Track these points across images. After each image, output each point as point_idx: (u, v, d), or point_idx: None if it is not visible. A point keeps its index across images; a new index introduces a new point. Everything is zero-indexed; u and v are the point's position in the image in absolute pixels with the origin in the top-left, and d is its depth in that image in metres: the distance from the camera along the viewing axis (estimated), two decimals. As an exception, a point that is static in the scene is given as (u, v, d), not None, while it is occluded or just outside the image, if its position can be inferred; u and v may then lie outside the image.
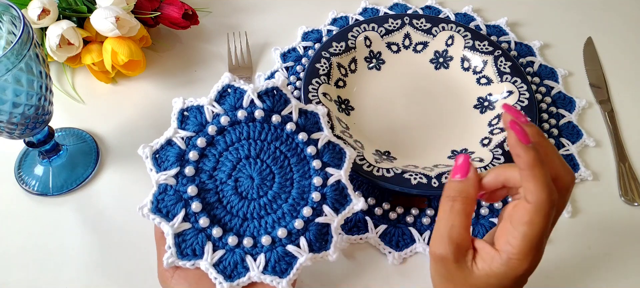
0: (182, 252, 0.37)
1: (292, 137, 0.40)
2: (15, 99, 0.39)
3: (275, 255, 0.37)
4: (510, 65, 0.58)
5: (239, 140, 0.40)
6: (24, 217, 0.48)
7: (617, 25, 0.70)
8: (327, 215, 0.39)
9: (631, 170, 0.54)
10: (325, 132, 0.41)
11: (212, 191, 0.38)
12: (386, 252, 0.47)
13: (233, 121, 0.40)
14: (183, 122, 0.40)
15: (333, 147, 0.41)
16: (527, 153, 0.30)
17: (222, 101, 0.40)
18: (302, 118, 0.41)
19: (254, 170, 0.39)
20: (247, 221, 0.38)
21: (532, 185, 0.30)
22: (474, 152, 0.52)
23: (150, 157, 0.38)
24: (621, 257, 0.48)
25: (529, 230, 0.31)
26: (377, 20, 0.62)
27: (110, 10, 0.52)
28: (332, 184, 0.40)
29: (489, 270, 0.32)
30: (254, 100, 0.40)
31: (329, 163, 0.40)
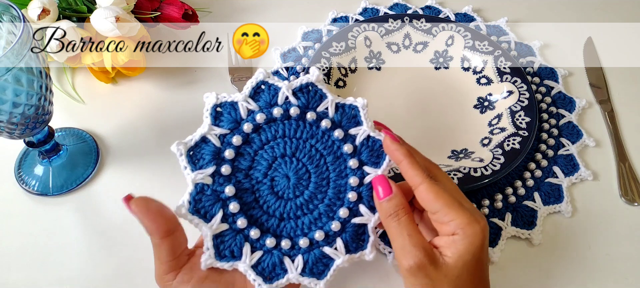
0: (220, 254, 0.36)
1: (328, 134, 0.39)
2: (15, 99, 0.39)
3: (312, 256, 0.37)
4: (510, 65, 0.58)
5: (275, 139, 0.38)
6: (24, 217, 0.48)
7: (617, 25, 0.70)
8: (363, 215, 0.38)
9: (631, 170, 0.54)
10: (364, 127, 0.39)
11: (248, 191, 0.37)
12: (386, 252, 0.46)
13: (268, 119, 0.38)
14: (217, 119, 0.38)
15: (373, 143, 0.39)
16: (401, 147, 0.37)
17: (257, 98, 0.39)
18: (339, 113, 0.39)
19: (289, 169, 0.38)
20: (284, 221, 0.38)
21: (413, 170, 0.36)
22: (474, 152, 0.52)
23: (185, 154, 0.37)
24: (621, 257, 0.48)
25: (444, 198, 0.35)
26: (377, 20, 0.62)
27: (110, 10, 0.52)
28: (369, 183, 0.38)
29: (458, 251, 0.34)
30: (288, 97, 0.38)
31: (367, 162, 0.38)
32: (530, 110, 0.54)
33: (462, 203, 0.35)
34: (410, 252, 0.34)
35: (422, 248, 0.34)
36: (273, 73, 0.60)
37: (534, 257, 0.47)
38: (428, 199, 0.35)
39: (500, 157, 0.50)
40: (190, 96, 0.58)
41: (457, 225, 0.34)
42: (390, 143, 0.37)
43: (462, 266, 0.34)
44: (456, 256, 0.34)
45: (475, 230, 0.34)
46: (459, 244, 0.34)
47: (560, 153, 0.54)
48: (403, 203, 0.36)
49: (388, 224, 0.36)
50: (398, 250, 0.35)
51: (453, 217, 0.34)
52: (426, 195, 0.35)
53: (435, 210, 0.35)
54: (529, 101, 0.54)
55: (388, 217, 0.36)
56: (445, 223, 0.35)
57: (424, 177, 0.36)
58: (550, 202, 0.51)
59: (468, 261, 0.34)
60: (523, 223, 0.49)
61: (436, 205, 0.35)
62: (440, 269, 0.34)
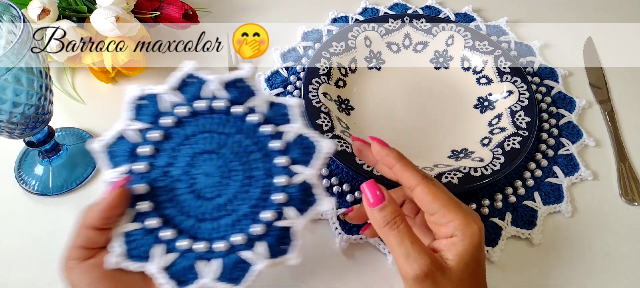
0: (129, 254, 0.33)
1: (256, 129, 0.36)
2: (15, 99, 0.39)
3: (231, 260, 0.34)
4: (510, 65, 0.58)
5: (199, 133, 0.36)
6: (24, 217, 0.48)
7: (617, 25, 0.70)
8: (290, 217, 0.35)
9: (631, 170, 0.54)
10: (296, 125, 0.36)
11: (164, 189, 0.35)
12: (386, 252, 0.46)
13: (193, 112, 0.36)
14: (138, 113, 0.35)
15: (305, 142, 0.36)
16: (392, 151, 0.37)
17: (184, 90, 0.36)
18: (272, 110, 0.37)
19: (212, 166, 0.35)
20: (202, 222, 0.35)
21: (407, 172, 0.36)
22: (474, 152, 0.52)
23: (105, 152, 0.35)
24: (621, 257, 0.48)
25: (442, 199, 0.35)
26: (377, 20, 0.62)
27: (110, 10, 0.52)
28: (299, 183, 0.35)
29: (458, 253, 0.34)
30: (217, 90, 0.36)
31: (298, 160, 0.36)
32: (530, 110, 0.54)
33: (458, 203, 0.35)
34: (416, 259, 0.33)
35: (426, 254, 0.33)
36: (273, 73, 0.60)
37: (534, 257, 0.47)
38: (426, 200, 0.35)
39: (500, 156, 0.50)
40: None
41: (455, 227, 0.34)
42: (380, 148, 0.38)
43: (464, 268, 0.34)
44: (457, 258, 0.34)
45: (473, 230, 0.34)
46: (458, 246, 0.34)
47: (560, 153, 0.54)
48: (398, 210, 0.35)
49: (386, 233, 0.35)
50: (401, 259, 0.34)
51: (451, 218, 0.34)
52: (424, 196, 0.35)
53: (434, 211, 0.35)
54: (529, 101, 0.54)
55: (385, 226, 0.35)
56: (443, 224, 0.35)
57: (420, 178, 0.36)
58: (550, 201, 0.51)
59: (468, 262, 0.34)
60: (523, 223, 0.49)
61: (434, 206, 0.35)
62: (445, 274, 0.33)
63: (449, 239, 0.34)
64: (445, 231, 0.35)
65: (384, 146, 0.38)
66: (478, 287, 0.35)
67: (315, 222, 0.49)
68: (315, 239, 0.48)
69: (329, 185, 0.50)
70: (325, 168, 0.51)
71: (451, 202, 0.35)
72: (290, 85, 0.58)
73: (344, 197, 0.49)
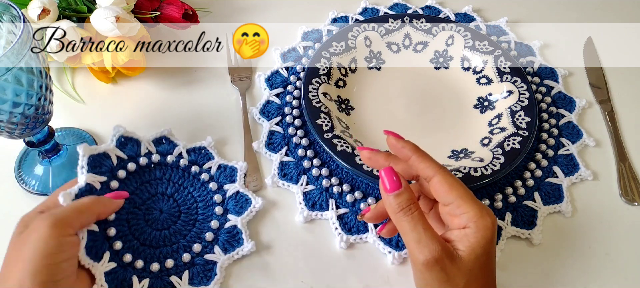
0: (89, 250, 0.40)
1: (205, 186, 0.48)
2: (15, 99, 0.39)
3: (158, 282, 0.42)
4: (510, 65, 0.58)
5: (161, 178, 0.48)
6: (24, 217, 0.48)
7: (617, 25, 0.70)
8: (215, 253, 0.44)
9: (631, 170, 0.54)
10: (236, 185, 0.48)
11: (124, 209, 0.44)
12: (386, 252, 0.46)
13: (162, 162, 0.48)
14: (123, 146, 0.47)
15: (240, 197, 0.48)
16: (408, 143, 0.38)
17: (159, 147, 0.50)
18: (219, 171, 0.49)
19: (164, 205, 0.46)
20: (145, 246, 0.44)
21: (425, 163, 0.37)
22: (474, 152, 0.52)
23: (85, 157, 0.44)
24: (621, 257, 0.48)
25: (458, 190, 0.35)
26: (377, 20, 0.62)
27: (110, 10, 0.52)
28: (228, 228, 0.46)
29: (470, 245, 0.34)
30: (182, 152, 0.50)
31: (231, 211, 0.47)
32: (530, 110, 0.54)
33: (473, 196, 0.35)
34: (428, 245, 0.33)
35: (438, 241, 0.34)
36: (273, 73, 0.60)
37: (534, 257, 0.47)
38: (443, 191, 0.35)
39: (500, 156, 0.50)
40: (190, 96, 0.58)
41: (469, 218, 0.34)
42: (396, 141, 0.39)
43: (475, 259, 0.34)
44: (469, 249, 0.34)
45: (487, 223, 0.34)
46: (471, 237, 0.34)
47: (561, 153, 0.54)
48: (413, 198, 0.36)
49: (399, 219, 0.35)
50: (413, 244, 0.34)
51: (466, 209, 0.34)
52: (441, 187, 0.35)
53: (449, 201, 0.35)
54: (529, 101, 0.54)
55: (399, 211, 0.35)
56: (457, 216, 0.35)
57: (437, 168, 0.36)
58: (551, 201, 0.51)
59: (480, 254, 0.34)
60: (523, 223, 0.49)
61: (450, 197, 0.35)
62: (455, 262, 0.34)
63: (462, 230, 0.35)
64: (459, 222, 0.35)
65: (399, 139, 0.39)
66: (487, 280, 0.35)
67: (315, 222, 0.49)
68: (315, 239, 0.48)
69: (329, 186, 0.50)
70: (326, 169, 0.51)
71: (467, 194, 0.35)
72: (290, 85, 0.58)
73: (343, 197, 0.50)
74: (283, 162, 0.52)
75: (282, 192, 0.51)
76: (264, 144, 0.53)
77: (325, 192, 0.50)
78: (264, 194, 0.50)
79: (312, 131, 0.52)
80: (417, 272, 0.35)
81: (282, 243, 0.47)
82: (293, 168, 0.52)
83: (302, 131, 0.54)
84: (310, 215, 0.48)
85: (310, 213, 0.49)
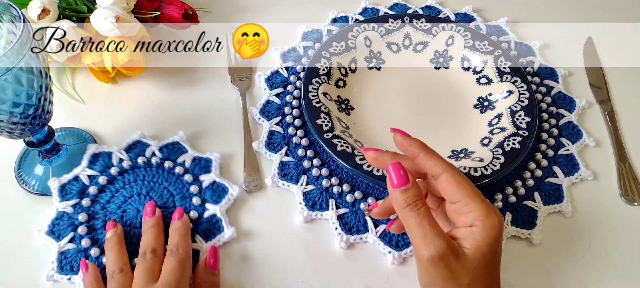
0: (62, 268, 0.44)
1: (180, 179, 0.49)
2: (15, 99, 0.39)
3: None
4: (510, 65, 0.58)
5: (135, 181, 0.49)
6: (24, 217, 0.48)
7: (617, 25, 0.70)
8: (196, 242, 0.45)
9: (631, 170, 0.54)
10: (211, 174, 0.50)
11: (100, 219, 0.46)
12: (386, 252, 0.46)
13: (133, 165, 0.50)
14: (93, 163, 0.50)
15: (217, 187, 0.49)
16: (415, 141, 0.38)
17: (129, 151, 0.51)
18: (194, 164, 0.51)
19: (141, 204, 0.47)
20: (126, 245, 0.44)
21: (432, 160, 0.37)
22: (474, 152, 0.52)
23: (57, 188, 0.47)
24: (621, 257, 0.48)
25: (466, 188, 0.35)
26: (377, 20, 0.62)
27: (110, 10, 0.52)
28: (207, 217, 0.47)
29: (476, 243, 0.34)
30: (154, 151, 0.51)
31: (208, 200, 0.48)
32: (530, 110, 0.54)
33: (480, 195, 0.35)
34: (433, 241, 0.33)
35: (443, 238, 0.34)
36: (273, 73, 0.60)
37: (534, 257, 0.47)
38: (450, 189, 0.35)
39: (500, 156, 0.50)
40: (190, 96, 0.58)
41: (476, 217, 0.34)
42: (403, 139, 0.39)
43: (480, 257, 0.34)
44: (474, 247, 0.34)
45: (494, 222, 0.34)
46: (477, 236, 0.34)
47: (561, 153, 0.54)
48: (420, 194, 0.36)
49: (406, 214, 0.35)
50: (418, 239, 0.34)
51: (473, 208, 0.34)
52: (449, 184, 0.35)
53: (457, 199, 0.35)
54: (529, 101, 0.54)
55: (406, 207, 0.35)
56: (464, 214, 0.35)
57: (445, 166, 0.36)
58: (551, 201, 0.51)
59: (485, 253, 0.34)
60: (523, 223, 0.49)
61: (458, 195, 0.35)
62: (460, 260, 0.34)
63: (468, 228, 0.35)
64: (465, 220, 0.35)
65: (406, 136, 0.39)
66: (492, 279, 0.35)
67: (315, 222, 0.49)
68: (315, 239, 0.48)
69: (329, 186, 0.50)
70: (326, 169, 0.51)
71: (474, 192, 0.35)
72: (290, 85, 0.58)
73: (343, 197, 0.50)
74: (283, 162, 0.52)
75: (282, 192, 0.51)
76: (264, 143, 0.53)
77: (325, 192, 0.50)
78: (264, 194, 0.50)
79: (312, 131, 0.52)
80: (422, 268, 0.35)
81: (282, 243, 0.47)
82: (293, 168, 0.52)
83: (302, 131, 0.54)
84: (310, 215, 0.48)
85: (310, 213, 0.49)
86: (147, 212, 0.45)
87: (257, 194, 0.50)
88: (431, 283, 0.35)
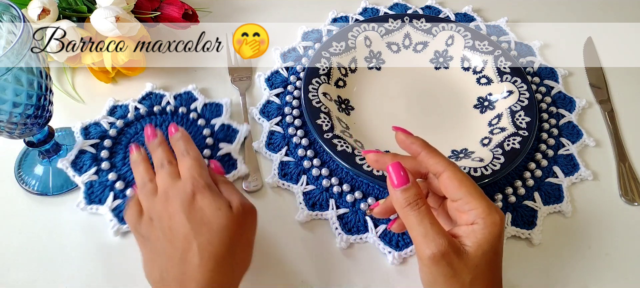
0: (90, 199, 0.48)
1: (194, 123, 0.54)
2: (15, 99, 0.39)
3: None
4: (510, 65, 0.58)
5: (158, 124, 0.54)
6: (24, 217, 0.48)
7: (617, 25, 0.70)
8: None
9: (631, 170, 0.54)
10: (222, 118, 0.54)
11: (120, 156, 0.51)
12: (386, 252, 0.46)
13: (150, 112, 0.54)
14: (112, 113, 0.54)
15: (228, 129, 0.54)
16: (417, 139, 0.39)
17: (145, 102, 0.56)
18: (205, 109, 0.55)
19: None
20: None
21: (434, 158, 0.37)
22: (474, 152, 0.52)
23: (79, 129, 0.52)
24: (621, 257, 0.48)
25: (468, 186, 0.35)
26: (377, 20, 0.62)
27: (110, 10, 0.52)
28: (221, 156, 0.52)
29: (477, 240, 0.34)
30: (169, 100, 0.56)
31: (222, 140, 0.53)
32: (530, 110, 0.54)
33: (482, 193, 0.35)
34: (434, 240, 0.33)
35: (444, 236, 0.34)
36: (273, 73, 0.60)
37: (534, 257, 0.47)
38: (452, 186, 0.35)
39: (500, 156, 0.50)
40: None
41: (477, 215, 0.34)
42: (405, 137, 0.39)
43: (482, 255, 0.34)
44: (476, 245, 0.34)
45: (495, 220, 0.34)
46: (478, 233, 0.34)
47: (561, 153, 0.54)
48: (421, 193, 0.36)
49: (406, 213, 0.35)
50: (419, 238, 0.34)
51: (474, 205, 0.34)
52: (450, 182, 0.35)
53: (458, 197, 0.35)
54: (529, 101, 0.54)
55: (407, 206, 0.35)
56: (465, 212, 0.35)
57: (447, 164, 0.36)
58: (551, 201, 0.51)
59: (487, 251, 0.34)
60: (523, 223, 0.49)
61: (460, 193, 0.35)
62: (461, 258, 0.34)
63: (470, 226, 0.35)
64: (467, 218, 0.35)
65: (408, 135, 0.39)
66: (494, 276, 0.35)
67: (315, 222, 0.49)
68: (315, 239, 0.48)
69: (329, 186, 0.50)
70: (326, 169, 0.51)
71: (475, 190, 0.35)
72: (290, 85, 0.58)
73: (343, 197, 0.50)
74: (283, 162, 0.52)
75: (282, 192, 0.51)
76: (264, 144, 0.53)
77: (325, 192, 0.50)
78: (264, 194, 0.50)
79: (312, 131, 0.52)
80: (424, 266, 0.35)
81: (282, 243, 0.47)
82: (293, 168, 0.52)
83: (302, 131, 0.54)
84: (310, 215, 0.48)
85: (310, 213, 0.49)
86: (149, 135, 0.44)
87: (257, 194, 0.50)
88: (433, 281, 0.35)
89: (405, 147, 0.39)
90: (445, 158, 0.37)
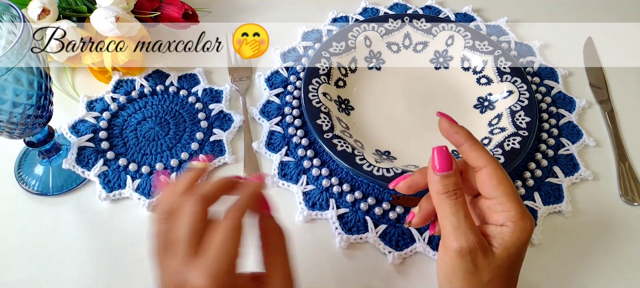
0: (110, 188, 0.49)
1: (192, 106, 0.56)
2: (15, 99, 0.39)
3: (148, 180, 0.50)
4: (510, 65, 0.58)
5: (153, 104, 0.56)
6: (24, 217, 0.48)
7: (617, 25, 0.70)
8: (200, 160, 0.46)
9: (631, 170, 0.54)
10: (221, 105, 0.56)
11: (118, 129, 0.54)
12: (386, 252, 0.46)
13: (153, 91, 0.57)
14: (117, 89, 0.57)
15: (225, 116, 0.55)
16: (462, 129, 0.36)
17: (149, 79, 0.58)
18: (205, 93, 0.57)
19: (156, 122, 0.54)
20: (136, 153, 0.52)
21: (477, 152, 0.35)
22: (474, 152, 0.52)
23: (84, 101, 0.55)
24: (621, 257, 0.48)
25: (505, 186, 0.34)
26: (377, 20, 0.62)
27: (110, 10, 0.52)
28: (212, 141, 0.53)
29: (505, 243, 0.33)
30: (172, 81, 0.58)
31: (217, 126, 0.54)
32: (530, 110, 0.54)
33: (518, 196, 0.35)
34: (465, 233, 0.33)
35: (476, 233, 0.33)
36: (273, 73, 0.60)
37: (534, 257, 0.47)
38: (490, 184, 0.34)
39: (500, 157, 0.50)
40: (190, 96, 0.58)
41: (508, 217, 0.34)
42: (449, 126, 0.37)
43: (506, 258, 0.34)
44: (502, 247, 0.33)
45: (526, 225, 0.34)
46: (506, 236, 0.34)
47: (561, 153, 0.54)
48: (460, 184, 0.35)
49: (441, 201, 0.34)
50: (450, 228, 0.34)
51: (508, 207, 0.34)
52: (489, 180, 0.34)
53: (493, 196, 0.34)
54: (529, 101, 0.54)
55: (444, 193, 0.34)
56: (498, 212, 0.34)
57: (489, 160, 0.35)
58: (551, 201, 0.51)
59: (512, 254, 0.34)
60: (523, 223, 0.49)
61: (496, 192, 0.34)
62: (487, 257, 0.33)
63: (499, 227, 0.34)
64: (497, 218, 0.34)
65: (453, 124, 0.37)
66: (511, 279, 0.35)
67: (315, 222, 0.49)
68: (315, 239, 0.48)
69: (329, 185, 0.50)
70: (326, 169, 0.51)
71: (512, 192, 0.34)
72: (290, 85, 0.58)
73: (343, 197, 0.50)
74: (283, 162, 0.52)
75: (282, 192, 0.51)
76: (264, 144, 0.53)
77: (325, 192, 0.50)
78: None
79: (312, 131, 0.52)
80: (447, 257, 0.34)
81: (282, 243, 0.47)
82: (293, 168, 0.52)
83: (302, 131, 0.54)
84: (310, 215, 0.48)
85: (310, 213, 0.49)
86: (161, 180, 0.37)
87: (257, 194, 0.50)
88: (451, 272, 0.34)
89: (447, 136, 0.37)
90: (488, 154, 0.35)
